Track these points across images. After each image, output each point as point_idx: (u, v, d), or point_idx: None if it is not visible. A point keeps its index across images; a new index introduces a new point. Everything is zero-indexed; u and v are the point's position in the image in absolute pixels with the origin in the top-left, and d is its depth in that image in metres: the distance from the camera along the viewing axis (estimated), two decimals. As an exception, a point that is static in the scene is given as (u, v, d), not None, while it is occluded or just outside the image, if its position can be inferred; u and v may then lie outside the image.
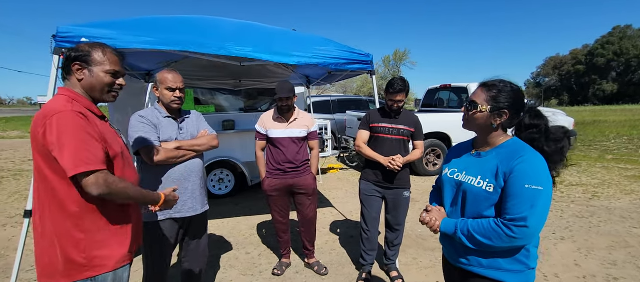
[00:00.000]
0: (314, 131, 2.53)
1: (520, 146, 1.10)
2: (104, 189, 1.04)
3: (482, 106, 1.12)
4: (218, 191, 4.62)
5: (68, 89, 1.15)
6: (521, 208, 1.00)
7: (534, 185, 1.00)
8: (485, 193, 1.09)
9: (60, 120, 1.01)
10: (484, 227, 1.07)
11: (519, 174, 1.02)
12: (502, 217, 1.05)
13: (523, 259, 1.10)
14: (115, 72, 1.20)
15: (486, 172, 1.11)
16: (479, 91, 1.15)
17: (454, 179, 1.22)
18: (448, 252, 1.26)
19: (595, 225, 3.51)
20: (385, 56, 40.83)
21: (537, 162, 1.04)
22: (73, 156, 1.00)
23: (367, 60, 2.90)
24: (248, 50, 2.48)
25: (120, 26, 2.33)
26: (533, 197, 1.00)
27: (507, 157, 1.08)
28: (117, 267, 1.15)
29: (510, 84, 1.14)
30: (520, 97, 1.13)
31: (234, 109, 5.38)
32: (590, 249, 2.95)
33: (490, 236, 1.05)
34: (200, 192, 1.89)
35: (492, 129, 1.15)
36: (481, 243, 1.07)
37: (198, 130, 1.94)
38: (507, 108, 1.11)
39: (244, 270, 2.69)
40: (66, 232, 1.07)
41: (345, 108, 8.43)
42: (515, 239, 1.02)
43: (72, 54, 1.15)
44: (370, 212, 2.42)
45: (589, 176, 5.72)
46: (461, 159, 1.26)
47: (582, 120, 15.63)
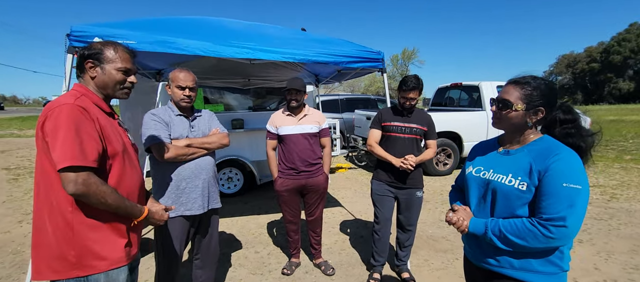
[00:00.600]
0: (325, 128, 2.49)
1: (554, 143, 1.07)
2: (81, 188, 1.00)
3: (517, 105, 1.08)
4: (227, 189, 4.63)
5: (81, 85, 1.18)
6: (559, 207, 0.96)
7: (572, 183, 0.96)
8: (518, 191, 1.05)
9: (60, 113, 1.02)
10: (517, 227, 1.03)
11: (556, 173, 0.98)
12: (538, 216, 1.01)
13: (557, 260, 1.05)
14: (126, 70, 1.22)
15: (518, 170, 1.07)
16: (511, 89, 1.10)
17: (481, 177, 1.18)
18: (472, 252, 1.22)
19: (614, 228, 3.39)
20: (394, 55, 40.58)
21: (574, 160, 1.01)
22: (61, 149, 0.99)
23: (378, 58, 2.86)
24: (256, 51, 2.47)
25: (133, 26, 2.35)
26: (572, 196, 0.96)
27: (541, 154, 1.04)
28: (110, 269, 1.11)
29: (543, 79, 1.10)
30: (554, 93, 1.10)
31: (242, 108, 5.40)
32: (611, 253, 2.84)
33: (525, 236, 1.01)
34: (210, 190, 1.89)
35: (526, 128, 1.11)
36: (515, 244, 1.03)
37: (209, 128, 1.94)
38: (543, 105, 1.07)
39: (254, 269, 2.68)
40: (59, 228, 1.05)
41: (354, 107, 8.38)
42: (552, 240, 0.98)
43: (85, 52, 1.18)
44: (383, 213, 2.37)
45: (607, 176, 5.53)
46: (487, 157, 1.22)
47: (598, 120, 15.18)
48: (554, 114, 1.11)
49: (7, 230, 3.48)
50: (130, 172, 1.20)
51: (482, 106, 6.10)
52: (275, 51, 2.53)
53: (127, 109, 3.61)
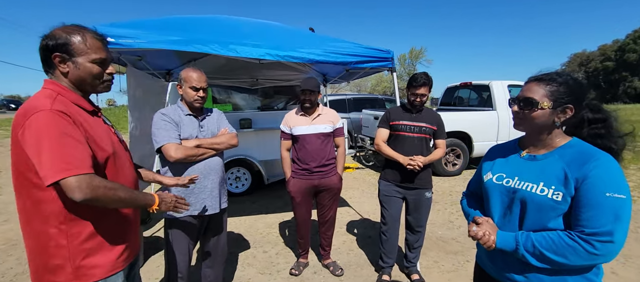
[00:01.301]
0: (339, 127, 2.47)
1: (588, 147, 0.97)
2: (88, 193, 0.92)
3: (543, 103, 0.97)
4: (235, 189, 4.66)
5: (53, 82, 1.02)
6: (604, 220, 0.87)
7: (615, 193, 0.87)
8: (552, 202, 0.95)
9: (38, 121, 0.90)
10: (554, 242, 0.92)
11: (597, 181, 0.89)
12: (577, 230, 0.91)
13: (593, 277, 0.96)
14: (102, 60, 1.06)
15: (550, 178, 0.96)
16: (534, 86, 1.00)
17: (504, 185, 1.07)
18: (493, 265, 1.11)
19: (632, 231, 3.28)
20: (401, 54, 40.30)
21: (614, 166, 0.91)
22: (51, 162, 0.89)
23: (388, 57, 2.83)
24: (265, 51, 2.47)
25: (142, 26, 2.37)
26: (617, 207, 0.87)
27: (576, 160, 0.94)
28: (108, 275, 1.05)
29: (570, 74, 1.00)
30: (583, 89, 0.99)
31: (250, 107, 5.42)
32: (628, 257, 2.75)
33: (564, 252, 0.90)
34: (219, 191, 1.89)
35: (553, 128, 1.00)
36: (552, 261, 0.92)
37: (218, 128, 1.95)
38: (572, 102, 0.97)
39: (262, 268, 2.68)
40: (49, 239, 0.98)
41: (361, 107, 8.34)
42: (596, 257, 0.88)
43: (50, 43, 1.00)
44: (391, 213, 2.34)
45: (623, 178, 5.37)
46: (509, 162, 1.11)
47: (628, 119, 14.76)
48: (582, 113, 1.01)
49: (22, 227, 3.56)
50: (122, 172, 1.12)
51: (493, 106, 5.99)
52: (285, 52, 2.52)
53: (135, 109, 3.64)
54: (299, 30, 3.26)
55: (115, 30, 2.16)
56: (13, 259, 2.85)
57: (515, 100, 1.05)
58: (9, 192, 4.81)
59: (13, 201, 4.05)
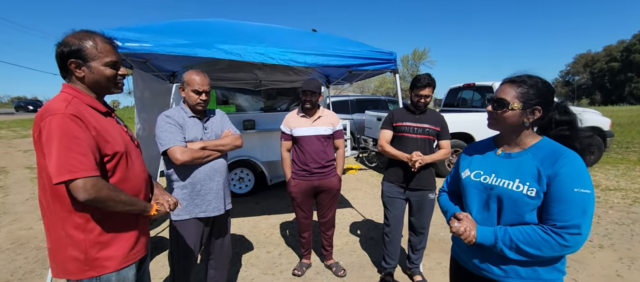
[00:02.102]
0: (339, 129, 2.49)
1: (558, 146, 1.03)
2: (92, 194, 0.99)
3: (514, 104, 1.04)
4: (238, 190, 4.69)
5: (69, 85, 1.10)
6: (573, 214, 0.94)
7: (582, 188, 0.94)
8: (527, 198, 1.00)
9: (51, 123, 0.97)
10: (530, 236, 0.98)
11: (565, 178, 0.95)
12: (549, 224, 0.97)
13: (560, 266, 1.05)
14: (113, 63, 1.13)
15: (525, 175, 1.02)
16: (507, 88, 1.07)
17: (482, 182, 1.12)
18: (471, 259, 1.15)
19: (638, 233, 3.25)
20: (404, 55, 40.20)
21: (581, 163, 0.98)
22: (57, 163, 0.96)
23: (390, 59, 2.84)
24: (269, 54, 2.49)
25: (147, 30, 2.41)
26: (584, 201, 0.94)
27: (547, 158, 1.00)
28: (120, 267, 1.13)
29: (539, 78, 1.06)
30: (551, 92, 1.06)
31: (254, 108, 5.45)
32: (634, 260, 2.73)
33: (539, 245, 0.97)
34: (223, 192, 1.91)
35: (523, 128, 1.07)
36: (528, 253, 0.99)
37: (222, 129, 1.96)
38: (540, 104, 1.04)
39: (265, 269, 2.70)
40: (68, 232, 1.06)
41: (364, 108, 8.34)
42: (567, 248, 0.95)
43: (64, 50, 1.07)
44: (394, 215, 2.35)
45: (629, 179, 5.32)
46: (485, 160, 1.17)
47: (618, 121, 14.62)
48: (550, 114, 1.08)
49: (30, 227, 3.62)
50: (133, 171, 1.18)
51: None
52: (288, 55, 2.54)
53: (142, 110, 3.69)
54: (302, 32, 3.28)
55: (121, 34, 2.20)
56: (22, 257, 2.90)
57: (489, 101, 1.11)
58: (17, 193, 4.89)
59: (21, 201, 4.13)
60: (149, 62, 3.41)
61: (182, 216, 1.81)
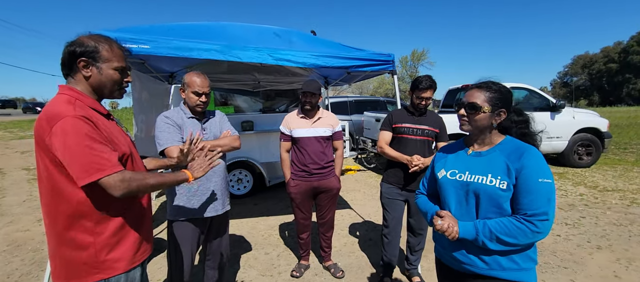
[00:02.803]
0: (338, 131, 2.50)
1: (519, 143, 1.16)
2: (125, 188, 1.02)
3: (484, 107, 1.16)
4: (237, 191, 4.68)
5: (69, 87, 1.08)
6: (540, 202, 1.04)
7: (545, 178, 1.05)
8: (500, 190, 1.10)
9: (65, 127, 0.96)
10: (507, 226, 1.07)
11: (530, 170, 1.06)
12: (521, 214, 1.07)
13: (533, 255, 1.14)
14: (122, 69, 1.14)
15: (496, 170, 1.13)
16: (477, 92, 1.18)
17: (458, 180, 1.21)
18: (450, 257, 1.23)
19: (635, 234, 3.26)
20: (403, 56, 40.30)
21: (541, 157, 1.10)
22: (84, 165, 0.97)
23: (389, 60, 2.84)
24: (267, 55, 2.49)
25: (146, 31, 2.41)
26: (548, 190, 1.05)
27: (513, 154, 1.12)
28: (129, 269, 1.13)
29: (501, 84, 1.20)
30: (511, 96, 1.20)
31: (252, 110, 5.45)
32: (631, 260, 2.74)
33: (515, 234, 1.06)
34: (222, 193, 1.91)
35: (491, 129, 1.19)
36: (507, 243, 1.08)
37: (221, 130, 1.96)
38: (504, 107, 1.17)
39: (263, 270, 2.69)
40: (74, 236, 1.04)
41: (363, 109, 8.35)
42: (539, 234, 1.05)
43: (77, 50, 1.06)
44: (393, 216, 2.35)
45: (626, 180, 5.34)
46: (458, 159, 1.26)
47: (616, 122, 14.68)
48: (510, 116, 1.21)
49: (27, 228, 3.60)
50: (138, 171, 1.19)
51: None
52: (286, 57, 2.54)
53: (140, 112, 3.68)
54: (301, 34, 3.28)
55: (120, 36, 2.19)
56: (18, 259, 2.88)
57: (461, 105, 1.21)
58: (14, 194, 4.86)
59: (18, 202, 4.10)
60: (146, 63, 3.40)
61: (180, 217, 1.81)
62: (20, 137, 11.83)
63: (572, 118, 6.20)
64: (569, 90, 54.50)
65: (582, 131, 6.24)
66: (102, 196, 1.04)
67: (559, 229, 3.42)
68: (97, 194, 1.04)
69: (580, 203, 4.27)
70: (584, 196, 4.59)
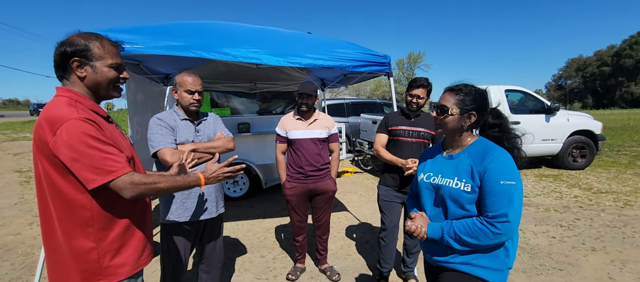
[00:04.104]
0: (334, 133, 2.49)
1: (488, 144, 1.17)
2: (135, 189, 1.01)
3: (453, 110, 1.18)
4: (233, 193, 4.64)
5: (68, 89, 1.04)
6: (500, 204, 1.06)
7: (508, 180, 1.06)
8: (464, 193, 1.13)
9: (70, 129, 0.93)
10: (469, 227, 1.10)
11: (493, 172, 1.08)
12: (484, 215, 1.10)
13: (503, 257, 1.15)
14: (118, 65, 1.11)
15: (461, 173, 1.15)
16: (447, 96, 1.21)
17: (431, 183, 1.25)
18: (430, 254, 1.28)
19: (629, 236, 3.29)
20: (399, 59, 40.51)
21: (506, 158, 1.11)
22: (94, 167, 0.95)
23: (384, 62, 2.85)
24: (263, 56, 2.48)
25: (141, 32, 2.38)
26: (510, 192, 1.06)
27: (478, 156, 1.14)
28: (132, 274, 1.11)
29: (474, 86, 1.21)
30: (484, 99, 1.21)
31: (249, 111, 5.42)
32: (625, 262, 2.75)
33: (477, 235, 1.08)
34: (216, 195, 1.89)
35: (462, 131, 1.21)
36: (469, 243, 1.10)
37: (215, 132, 1.94)
38: (475, 110, 1.18)
39: (259, 273, 2.67)
40: (77, 242, 1.01)
41: (359, 111, 8.35)
42: (499, 235, 1.07)
43: (68, 50, 1.02)
44: (390, 219, 2.34)
45: (620, 182, 5.39)
46: (435, 162, 1.29)
47: (609, 125, 14.86)
48: (485, 118, 1.21)
49: (18, 232, 3.54)
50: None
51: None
52: (282, 57, 2.54)
53: (136, 114, 3.65)
54: (296, 34, 3.28)
55: (114, 36, 2.16)
56: (8, 264, 2.83)
57: (434, 108, 1.24)
58: (5, 197, 4.78)
59: (9, 206, 4.03)
60: (142, 64, 3.37)
61: (173, 219, 1.78)
62: (13, 139, 11.68)
63: (566, 121, 6.26)
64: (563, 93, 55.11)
65: (576, 134, 6.31)
66: (105, 199, 1.03)
67: (554, 231, 3.43)
68: (101, 198, 1.02)
69: (574, 205, 4.30)
70: (579, 197, 4.62)
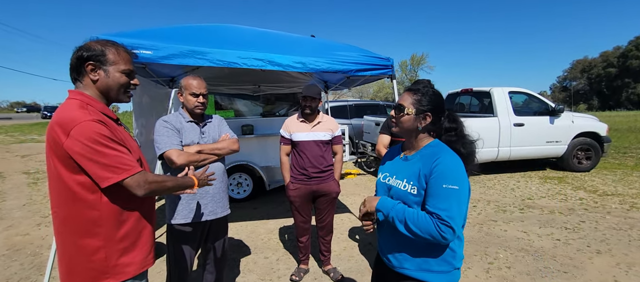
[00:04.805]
0: (338, 135, 2.52)
1: (440, 148, 1.17)
2: (147, 188, 1.07)
3: (408, 109, 1.19)
4: (236, 194, 4.68)
5: (79, 92, 1.10)
6: (443, 206, 1.07)
7: (450, 185, 1.07)
8: (411, 195, 1.15)
9: (83, 130, 0.98)
10: (419, 217, 1.10)
11: (437, 175, 1.09)
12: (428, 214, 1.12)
13: (450, 259, 1.16)
14: (129, 72, 1.17)
15: (410, 176, 1.17)
16: (405, 95, 1.22)
17: (386, 183, 1.28)
18: (384, 255, 1.29)
19: (635, 238, 3.26)
20: (402, 61, 40.49)
21: (453, 163, 1.11)
22: (108, 166, 1.00)
23: (388, 65, 2.87)
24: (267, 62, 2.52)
25: (147, 36, 2.43)
26: (451, 195, 1.07)
27: (427, 160, 1.15)
28: (138, 273, 1.15)
29: (432, 88, 1.23)
30: (440, 101, 1.22)
31: (252, 113, 5.47)
32: (631, 265, 2.73)
33: (421, 226, 1.08)
34: (221, 196, 1.92)
35: (418, 132, 1.22)
36: (412, 230, 1.10)
37: (219, 134, 1.97)
38: (430, 111, 1.18)
39: (263, 274, 2.69)
40: (86, 239, 1.05)
41: (362, 113, 8.37)
42: (440, 234, 1.06)
43: (85, 54, 1.09)
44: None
45: (626, 185, 5.34)
46: (393, 163, 1.32)
47: (615, 127, 14.71)
48: (442, 121, 1.22)
49: (26, 232, 3.60)
50: None
51: (494, 112, 6.01)
52: (286, 62, 2.57)
53: (141, 116, 3.71)
54: (301, 38, 3.32)
55: (119, 40, 2.21)
56: (17, 264, 2.88)
57: (394, 107, 1.26)
58: (14, 198, 4.86)
59: (17, 206, 4.11)
60: (147, 67, 3.42)
61: (179, 220, 1.81)
62: (21, 141, 11.86)
63: (571, 122, 6.22)
64: (568, 94, 54.60)
65: (581, 135, 6.26)
66: (114, 200, 1.07)
67: (559, 234, 3.41)
68: (110, 198, 1.06)
69: (579, 207, 4.26)
70: (584, 200, 4.59)
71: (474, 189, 5.30)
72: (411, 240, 1.13)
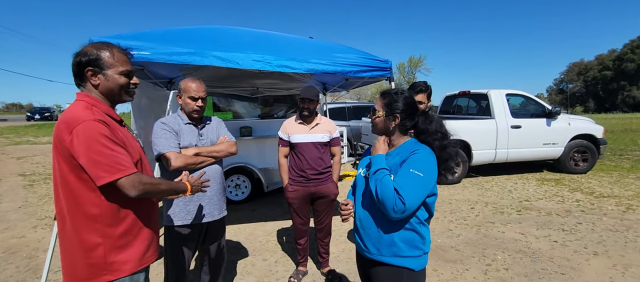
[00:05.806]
0: (336, 137, 2.52)
1: (418, 144, 1.29)
2: (141, 189, 1.09)
3: (379, 111, 1.33)
4: (235, 196, 4.66)
5: (86, 94, 1.15)
6: (402, 185, 1.17)
7: (416, 170, 1.19)
8: None
9: (86, 130, 1.02)
10: (388, 189, 1.18)
11: (409, 161, 1.21)
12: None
13: (420, 244, 1.27)
14: (128, 72, 1.20)
15: (392, 168, 1.27)
16: (379, 99, 1.35)
17: (365, 177, 1.38)
18: (359, 245, 1.39)
19: (631, 240, 3.28)
20: (400, 63, 40.64)
21: (426, 157, 1.23)
22: (105, 165, 1.03)
23: (386, 67, 2.88)
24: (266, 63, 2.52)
25: (147, 38, 2.43)
26: (414, 180, 1.18)
27: (405, 152, 1.27)
28: (133, 271, 1.16)
29: (403, 92, 1.34)
30: (410, 103, 1.32)
31: (251, 115, 5.46)
32: (628, 266, 2.75)
33: (385, 195, 1.17)
34: (218, 198, 1.91)
35: (392, 132, 1.34)
36: (377, 196, 1.20)
37: (218, 136, 1.97)
38: (399, 112, 1.30)
39: (261, 277, 2.68)
40: (85, 236, 1.09)
41: (361, 115, 8.39)
42: (394, 208, 1.16)
43: (83, 59, 1.13)
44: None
45: (622, 187, 5.38)
46: None
47: (611, 129, 14.83)
48: (417, 121, 1.32)
49: (22, 235, 3.57)
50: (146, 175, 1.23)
51: (491, 114, 6.04)
52: (284, 63, 2.57)
53: (139, 117, 3.68)
54: (299, 40, 3.32)
55: (117, 42, 2.21)
56: (13, 266, 2.85)
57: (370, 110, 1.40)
58: (10, 200, 4.82)
59: (13, 209, 4.07)
60: (145, 69, 3.41)
61: (177, 222, 1.80)
62: (16, 143, 11.77)
63: (567, 125, 6.26)
64: (564, 97, 55.03)
65: (577, 138, 6.30)
66: (113, 198, 1.09)
67: (556, 235, 3.43)
68: (109, 196, 1.09)
69: (576, 209, 4.29)
70: (581, 202, 4.61)
71: (472, 191, 5.32)
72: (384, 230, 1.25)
